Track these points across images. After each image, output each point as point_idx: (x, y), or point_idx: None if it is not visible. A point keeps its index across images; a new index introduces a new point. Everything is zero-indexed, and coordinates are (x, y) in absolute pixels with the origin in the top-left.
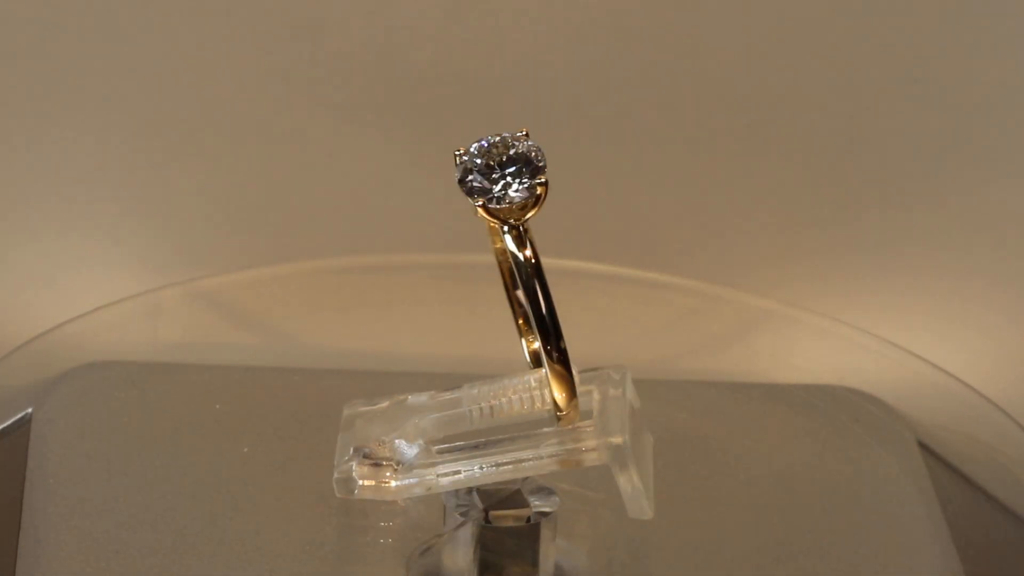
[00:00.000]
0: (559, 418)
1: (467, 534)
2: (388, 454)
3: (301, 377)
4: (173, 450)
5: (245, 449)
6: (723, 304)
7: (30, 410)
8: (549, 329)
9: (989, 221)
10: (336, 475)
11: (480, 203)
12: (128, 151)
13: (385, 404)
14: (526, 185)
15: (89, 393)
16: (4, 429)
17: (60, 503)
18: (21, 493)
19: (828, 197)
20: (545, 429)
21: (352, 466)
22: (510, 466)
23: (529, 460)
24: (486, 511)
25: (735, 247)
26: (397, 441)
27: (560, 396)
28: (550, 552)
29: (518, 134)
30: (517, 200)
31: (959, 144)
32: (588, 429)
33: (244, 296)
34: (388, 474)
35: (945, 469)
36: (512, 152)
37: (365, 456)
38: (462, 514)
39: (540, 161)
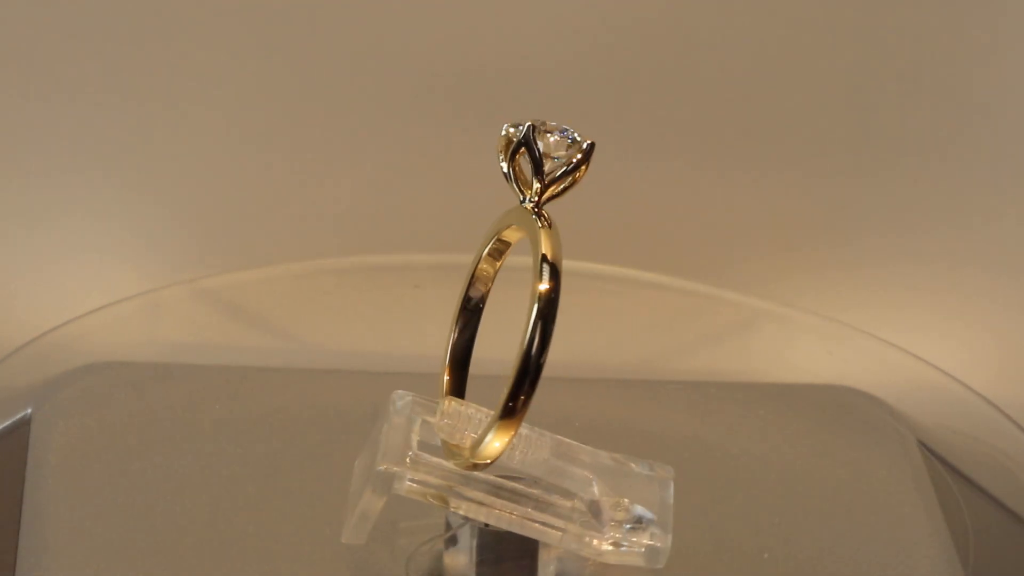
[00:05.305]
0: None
1: (467, 534)
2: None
3: (300, 377)
4: (173, 450)
5: (244, 449)
6: (723, 304)
7: (30, 410)
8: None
9: (989, 222)
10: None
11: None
12: (129, 152)
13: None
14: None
15: (89, 393)
16: (4, 429)
17: (60, 503)
18: (21, 493)
19: (828, 198)
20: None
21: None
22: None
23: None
24: None
25: (735, 248)
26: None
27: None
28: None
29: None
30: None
31: (959, 146)
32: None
33: (244, 296)
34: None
35: (945, 469)
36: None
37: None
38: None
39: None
